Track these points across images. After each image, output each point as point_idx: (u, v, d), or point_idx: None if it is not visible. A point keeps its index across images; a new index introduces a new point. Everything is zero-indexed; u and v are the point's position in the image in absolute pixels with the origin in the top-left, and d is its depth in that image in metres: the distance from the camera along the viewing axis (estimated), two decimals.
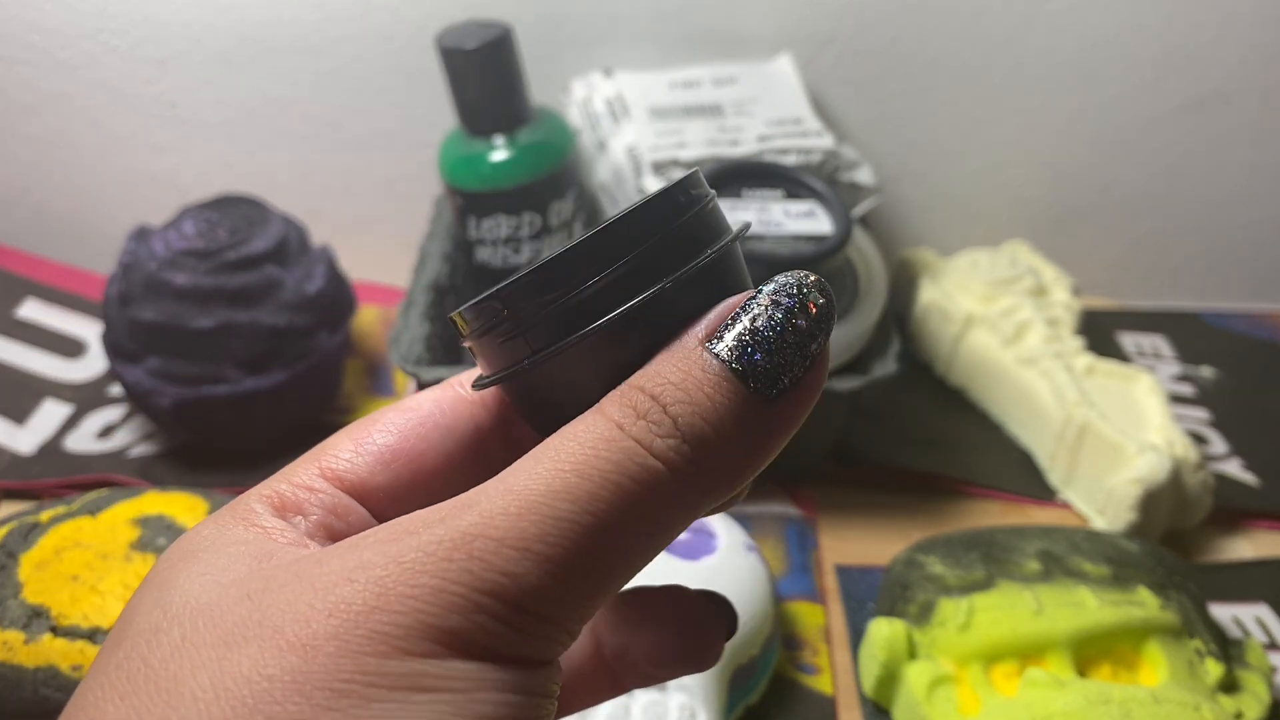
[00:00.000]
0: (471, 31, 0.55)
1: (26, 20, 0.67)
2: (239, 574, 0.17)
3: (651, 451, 0.16)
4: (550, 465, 0.16)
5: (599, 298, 0.18)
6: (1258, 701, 0.42)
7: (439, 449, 0.21)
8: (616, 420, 0.17)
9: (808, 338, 0.18)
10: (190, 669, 0.15)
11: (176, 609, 0.17)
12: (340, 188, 0.73)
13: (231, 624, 0.16)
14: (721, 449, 0.17)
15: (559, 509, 0.16)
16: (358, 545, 0.17)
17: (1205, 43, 0.66)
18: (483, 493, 0.17)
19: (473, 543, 0.16)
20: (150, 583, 0.18)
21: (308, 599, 0.16)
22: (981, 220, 0.74)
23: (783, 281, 0.18)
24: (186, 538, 0.19)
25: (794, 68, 0.66)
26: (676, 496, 0.17)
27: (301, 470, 0.20)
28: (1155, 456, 0.51)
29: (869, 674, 0.45)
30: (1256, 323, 0.73)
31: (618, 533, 0.16)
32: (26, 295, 0.70)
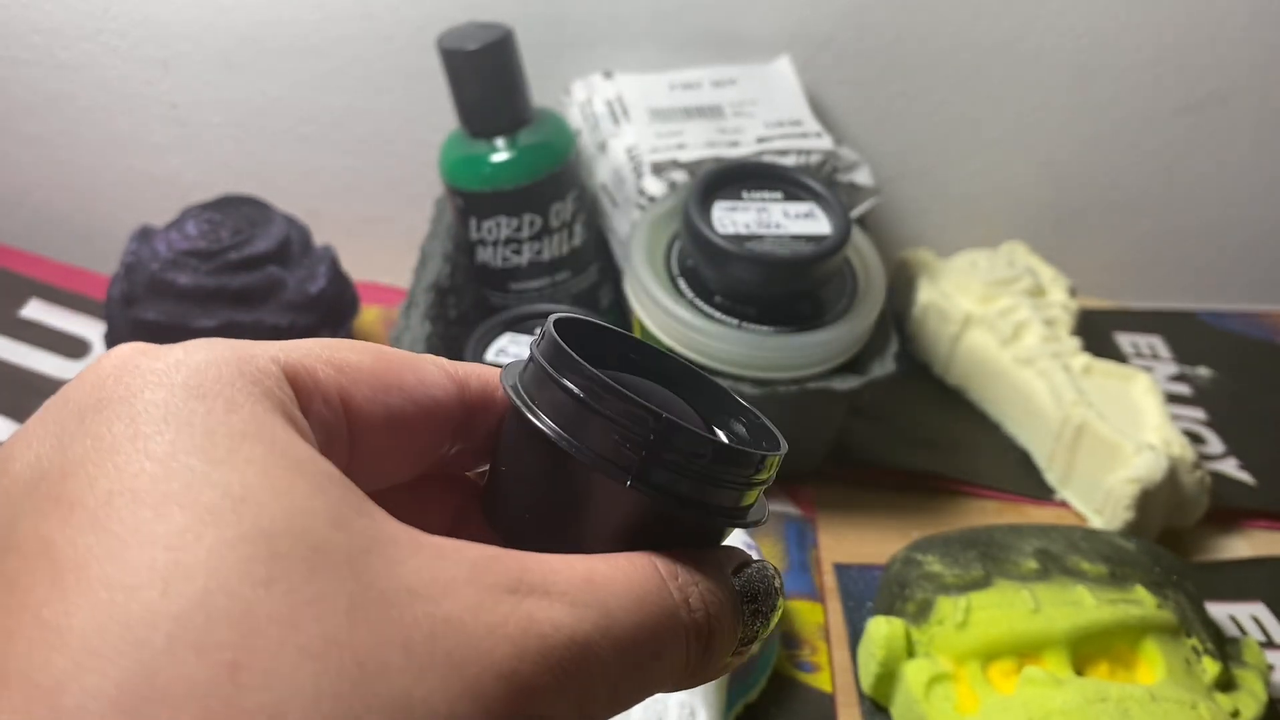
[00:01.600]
0: (472, 33, 0.55)
1: (28, 21, 0.67)
2: (353, 516, 0.15)
3: (692, 640, 0.18)
4: (637, 609, 0.18)
5: (705, 486, 0.19)
6: (1254, 700, 0.42)
7: (428, 432, 0.20)
8: (678, 600, 0.18)
9: (764, 628, 0.20)
10: (380, 664, 0.14)
11: (256, 522, 0.14)
12: (342, 188, 0.74)
13: (399, 617, 0.14)
14: (714, 660, 0.19)
15: (637, 656, 0.17)
16: (482, 577, 0.16)
17: (1204, 43, 0.66)
18: (585, 590, 0.17)
19: (588, 654, 0.16)
20: (206, 435, 0.15)
21: (472, 636, 0.15)
22: (980, 221, 0.74)
23: (775, 573, 0.21)
24: (216, 376, 0.16)
25: (793, 69, 0.66)
26: (682, 672, 0.19)
27: (321, 371, 0.18)
28: (1152, 456, 0.52)
29: (867, 672, 0.45)
30: (1253, 323, 0.73)
31: (649, 687, 0.18)
32: (30, 295, 0.70)
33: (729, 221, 0.52)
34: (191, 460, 0.14)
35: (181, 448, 0.15)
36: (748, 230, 0.52)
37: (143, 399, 0.15)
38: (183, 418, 0.15)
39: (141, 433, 0.15)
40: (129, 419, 0.15)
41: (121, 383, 0.16)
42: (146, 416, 0.15)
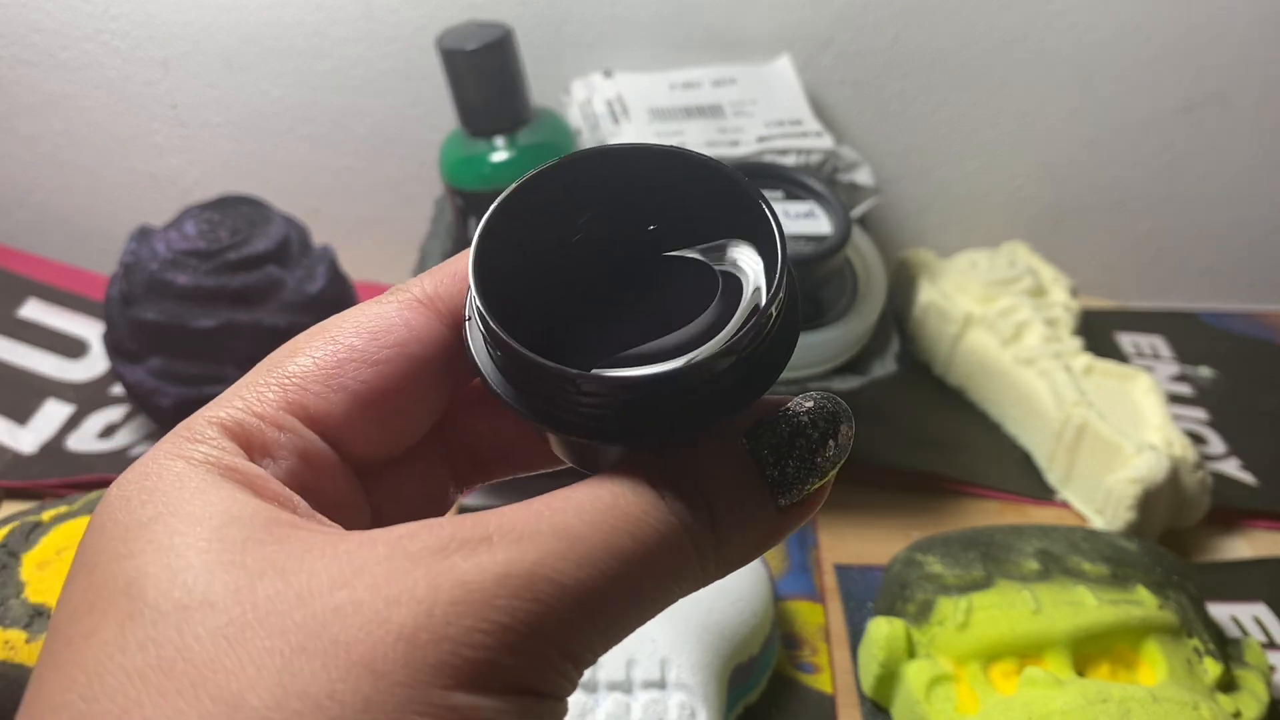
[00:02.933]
0: (472, 33, 0.55)
1: (28, 21, 0.67)
2: (255, 547, 0.16)
3: (686, 531, 0.18)
4: (606, 519, 0.17)
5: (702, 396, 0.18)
6: (1256, 700, 0.42)
7: (412, 382, 0.20)
8: (658, 493, 0.18)
9: (830, 463, 0.19)
10: (249, 677, 0.14)
11: (193, 583, 0.16)
12: (341, 188, 0.74)
13: (282, 624, 0.15)
14: (737, 539, 0.18)
15: (612, 568, 0.17)
16: (405, 547, 0.16)
17: (1204, 43, 0.66)
18: (534, 521, 0.17)
19: (538, 584, 0.16)
20: (123, 532, 0.17)
21: (369, 612, 0.15)
22: (980, 221, 0.74)
23: (823, 403, 0.19)
24: (145, 474, 0.18)
25: (793, 69, 0.66)
26: (691, 577, 0.18)
27: (263, 397, 0.19)
28: (1153, 456, 0.51)
29: (868, 673, 0.45)
30: (1255, 323, 0.73)
31: (653, 594, 0.18)
32: (28, 295, 0.70)
33: None
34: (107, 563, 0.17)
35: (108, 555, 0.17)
36: None
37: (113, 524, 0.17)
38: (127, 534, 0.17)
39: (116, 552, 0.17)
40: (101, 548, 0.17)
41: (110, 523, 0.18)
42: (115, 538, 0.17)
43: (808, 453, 0.18)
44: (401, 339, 0.20)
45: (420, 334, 0.20)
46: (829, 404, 0.19)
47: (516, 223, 0.19)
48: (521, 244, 0.19)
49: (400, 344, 0.20)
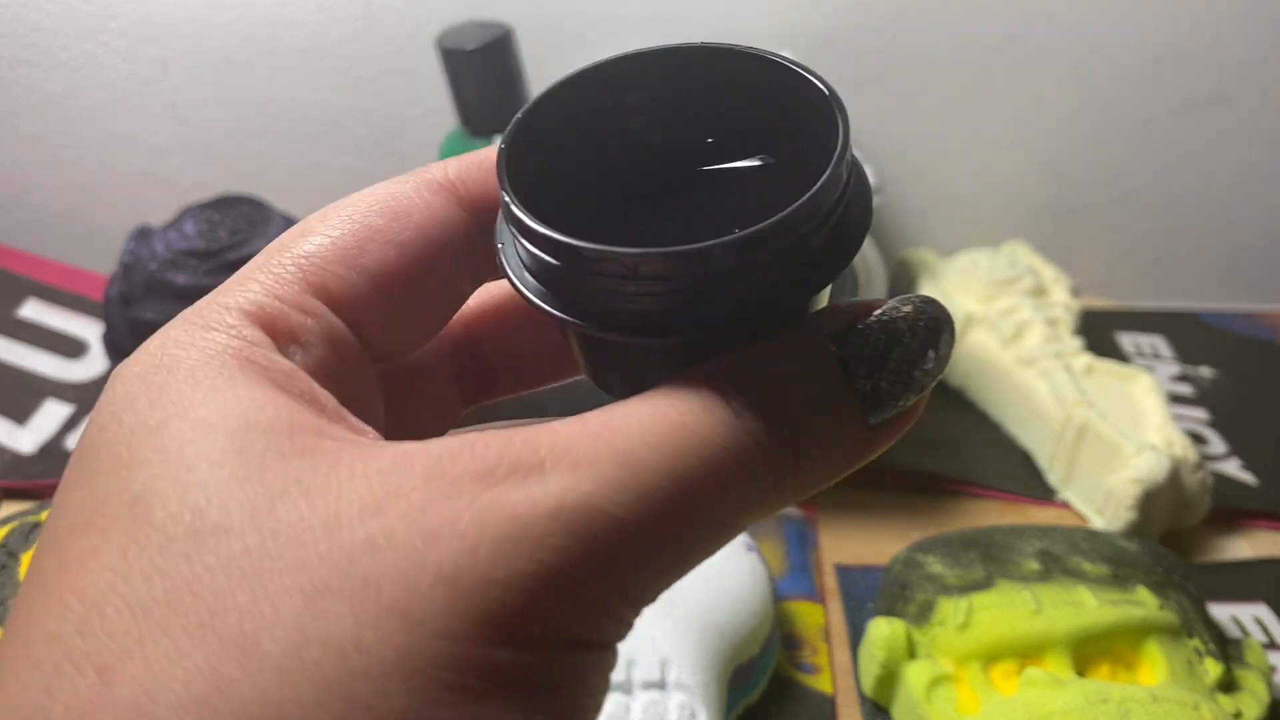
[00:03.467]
0: (472, 32, 0.55)
1: (28, 21, 0.67)
2: (277, 460, 0.14)
3: (764, 453, 0.16)
4: (672, 441, 0.15)
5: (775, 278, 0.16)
6: (1256, 701, 0.42)
7: (436, 267, 0.18)
8: (734, 408, 0.15)
9: (929, 377, 0.17)
10: (264, 618, 0.13)
11: (205, 504, 0.14)
12: (341, 188, 0.73)
13: (304, 557, 0.13)
14: (821, 461, 0.16)
15: (679, 499, 0.15)
16: (446, 470, 0.14)
17: (1205, 43, 0.66)
18: (591, 444, 0.15)
19: (595, 520, 0.14)
20: (128, 435, 0.15)
21: (404, 547, 0.13)
22: (981, 220, 0.74)
23: (922, 308, 0.17)
24: (155, 366, 0.16)
25: None
26: (765, 503, 0.16)
27: (283, 278, 0.17)
28: (1154, 456, 0.51)
29: (868, 673, 0.45)
30: (1255, 323, 0.73)
31: (724, 525, 0.15)
32: (27, 295, 0.70)
33: None
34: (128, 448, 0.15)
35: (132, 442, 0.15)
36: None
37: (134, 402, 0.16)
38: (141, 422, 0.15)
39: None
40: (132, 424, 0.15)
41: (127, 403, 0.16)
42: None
43: (906, 364, 0.16)
44: (422, 221, 0.18)
45: (441, 218, 0.18)
46: (929, 308, 0.16)
47: (554, 120, 0.18)
48: (560, 143, 0.18)
49: (421, 226, 0.18)
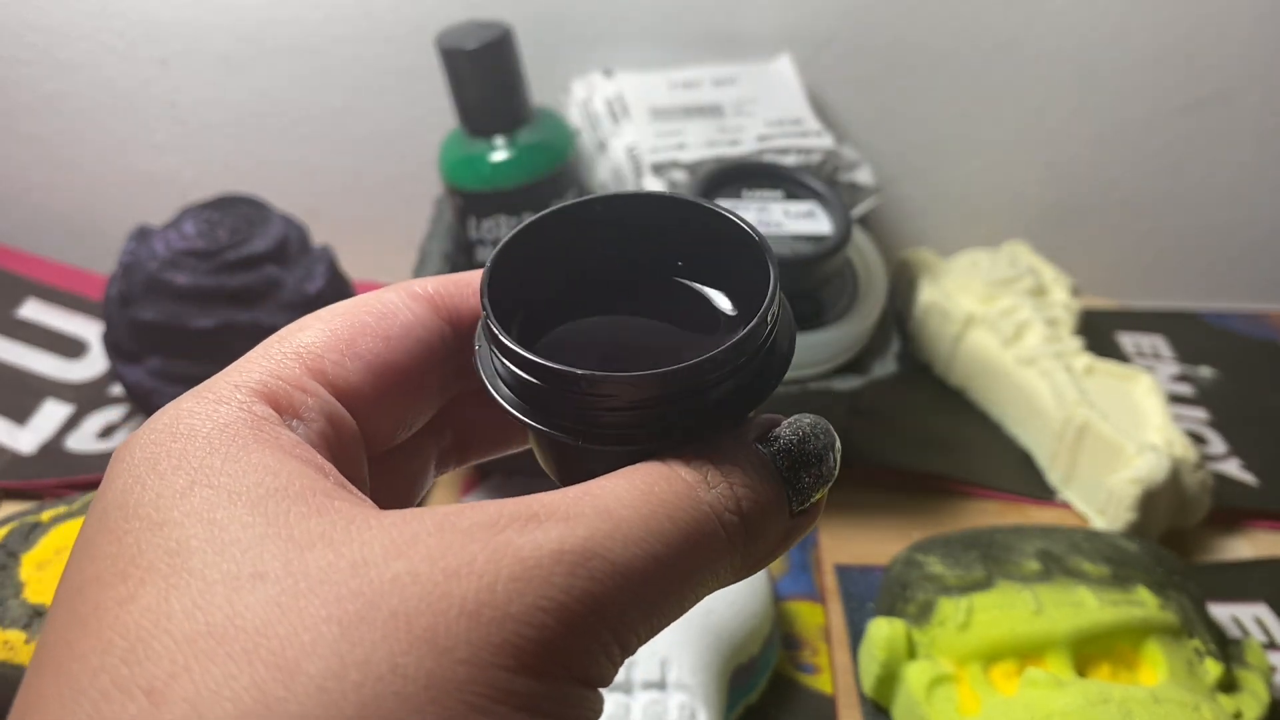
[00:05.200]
0: (471, 32, 0.55)
1: (26, 20, 0.67)
2: (300, 520, 0.16)
3: (719, 520, 0.18)
4: (646, 503, 0.17)
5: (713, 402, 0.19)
6: (1257, 701, 0.42)
7: (420, 364, 0.20)
8: (691, 483, 0.18)
9: (830, 473, 0.20)
10: (305, 645, 0.14)
11: (241, 556, 0.15)
12: (341, 188, 0.73)
13: (338, 593, 0.14)
14: (761, 537, 0.19)
15: (655, 549, 0.17)
16: (454, 522, 0.16)
17: (1205, 43, 0.66)
18: (577, 503, 0.17)
19: (592, 561, 0.16)
20: (154, 498, 0.16)
21: (428, 584, 0.15)
22: (981, 220, 0.74)
23: (818, 420, 0.20)
24: (172, 434, 0.17)
25: (794, 68, 0.66)
26: (725, 566, 0.18)
27: (284, 363, 0.19)
28: (1154, 456, 0.51)
29: (868, 673, 0.45)
30: (1256, 323, 0.73)
31: (690, 581, 0.17)
32: (27, 295, 0.70)
33: None
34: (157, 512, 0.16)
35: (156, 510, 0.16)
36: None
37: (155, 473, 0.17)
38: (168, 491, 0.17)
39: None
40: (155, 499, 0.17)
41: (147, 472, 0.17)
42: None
43: (817, 458, 0.19)
44: (408, 321, 0.20)
45: (423, 321, 0.20)
46: (823, 421, 0.20)
47: (528, 251, 0.20)
48: (532, 271, 0.20)
49: (406, 325, 0.20)
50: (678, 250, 0.22)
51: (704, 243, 0.21)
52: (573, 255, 0.21)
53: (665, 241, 0.22)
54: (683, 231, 0.21)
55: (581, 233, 0.21)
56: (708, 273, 0.22)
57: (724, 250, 0.21)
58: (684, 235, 0.21)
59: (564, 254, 0.21)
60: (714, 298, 0.22)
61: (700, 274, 0.22)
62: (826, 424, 0.20)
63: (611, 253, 0.22)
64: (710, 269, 0.22)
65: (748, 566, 0.19)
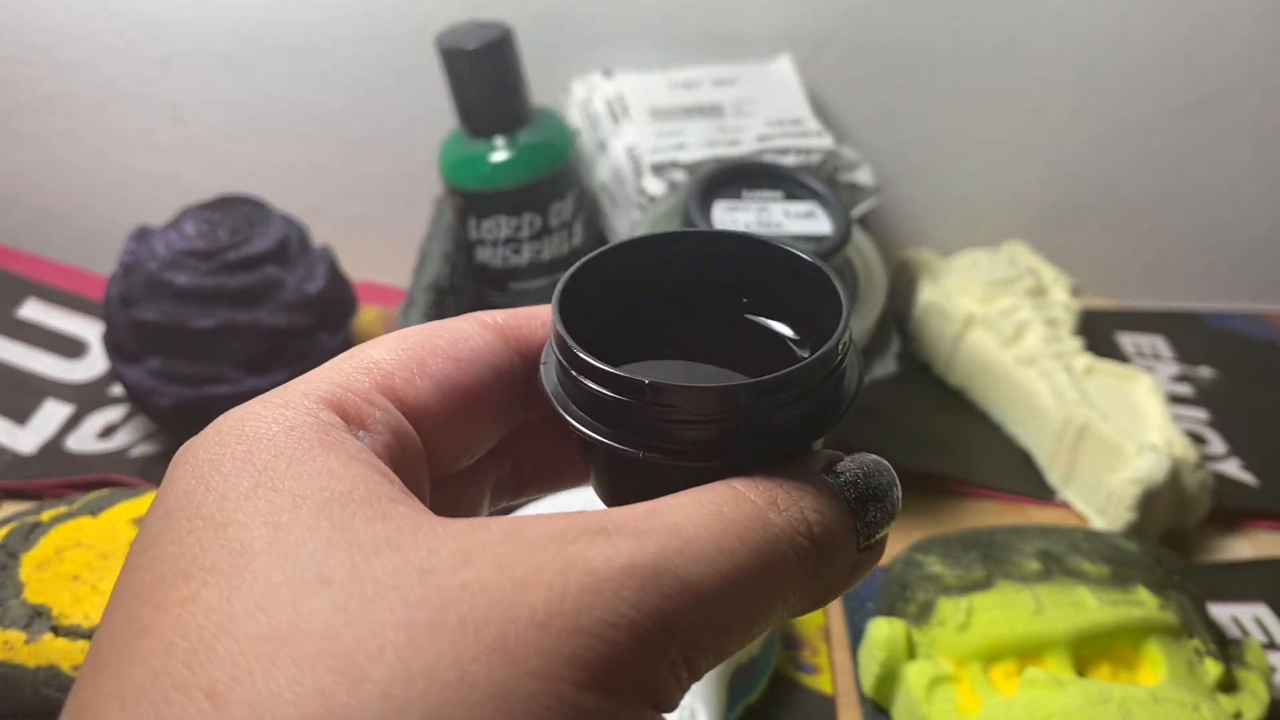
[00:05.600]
0: (472, 32, 0.55)
1: (27, 20, 0.67)
2: (365, 524, 0.15)
3: (791, 544, 0.17)
4: (716, 523, 0.17)
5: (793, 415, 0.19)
6: (1257, 701, 0.42)
7: (489, 388, 0.21)
8: (761, 505, 0.17)
9: (890, 514, 0.20)
10: (371, 651, 0.14)
11: (306, 560, 0.15)
12: (341, 188, 0.73)
13: (405, 599, 0.14)
14: (832, 565, 0.18)
15: (727, 570, 0.16)
16: (522, 532, 0.16)
17: (1205, 43, 0.66)
18: (646, 519, 0.16)
19: (663, 578, 0.15)
20: (219, 499, 0.16)
21: (497, 592, 0.14)
22: (981, 220, 0.74)
23: (879, 460, 0.20)
24: (238, 436, 0.17)
25: (794, 68, 0.66)
26: (797, 590, 0.18)
27: (353, 376, 0.19)
28: (1154, 456, 0.51)
29: (868, 673, 0.45)
30: (1256, 323, 0.73)
31: (761, 604, 0.17)
32: (27, 295, 0.70)
33: (729, 221, 0.52)
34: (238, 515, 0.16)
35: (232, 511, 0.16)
36: (748, 230, 0.51)
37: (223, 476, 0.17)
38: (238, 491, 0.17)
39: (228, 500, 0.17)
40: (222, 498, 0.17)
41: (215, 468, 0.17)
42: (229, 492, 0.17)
43: (882, 494, 0.19)
44: (478, 346, 0.21)
45: (493, 347, 0.21)
46: (884, 460, 0.20)
47: (598, 276, 0.21)
48: (600, 300, 0.21)
49: (476, 350, 0.20)
50: (745, 285, 0.22)
51: (771, 278, 0.22)
52: (640, 287, 0.22)
53: (732, 276, 0.22)
54: (750, 267, 0.22)
55: (649, 266, 0.22)
56: (775, 308, 0.22)
57: (792, 285, 0.21)
58: (752, 271, 0.22)
59: (631, 285, 0.22)
60: (781, 331, 0.22)
61: (767, 309, 0.22)
62: (888, 464, 0.20)
63: (679, 286, 0.22)
64: (777, 304, 0.22)
65: (818, 596, 0.18)
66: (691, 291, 0.22)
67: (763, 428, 0.19)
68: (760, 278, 0.22)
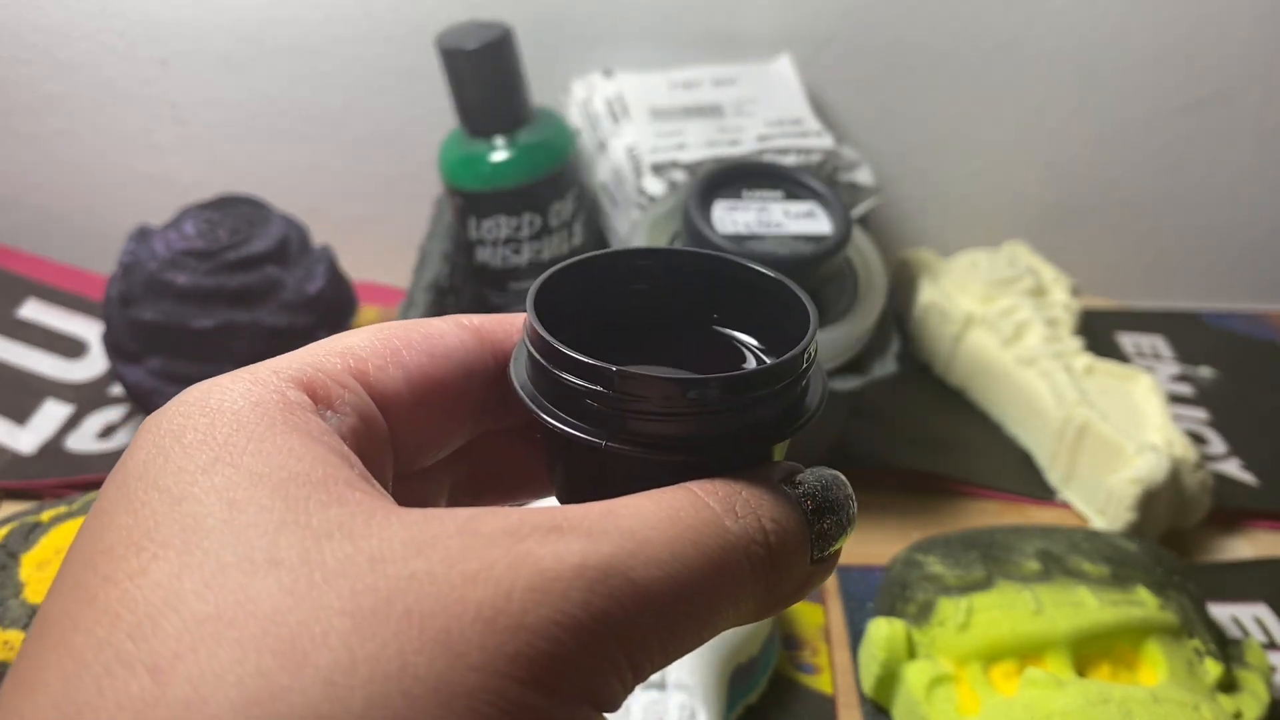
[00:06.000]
0: (472, 32, 0.55)
1: (27, 20, 0.67)
2: (319, 508, 0.16)
3: (745, 552, 0.18)
4: (672, 526, 0.17)
5: (755, 409, 0.19)
6: (1256, 701, 0.42)
7: (460, 385, 0.21)
8: (719, 511, 0.18)
9: (845, 526, 0.20)
10: (315, 636, 0.14)
11: (257, 541, 0.15)
12: (341, 188, 0.73)
13: (353, 587, 0.14)
14: (785, 574, 0.18)
15: (678, 574, 0.16)
16: (476, 527, 0.16)
17: (1205, 43, 0.66)
18: (601, 520, 0.16)
19: (613, 579, 0.16)
20: (176, 470, 0.16)
21: (444, 585, 0.15)
22: (981, 220, 0.74)
23: (837, 474, 0.20)
24: (202, 408, 0.17)
25: (794, 68, 0.66)
26: (747, 597, 0.18)
27: (326, 359, 0.19)
28: (1154, 456, 0.51)
29: (868, 673, 0.45)
30: (1256, 323, 0.73)
31: (710, 610, 0.17)
32: (27, 295, 0.70)
33: (729, 221, 0.52)
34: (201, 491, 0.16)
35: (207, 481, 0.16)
36: (748, 230, 0.51)
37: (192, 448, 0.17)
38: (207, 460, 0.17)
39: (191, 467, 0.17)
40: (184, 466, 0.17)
41: (179, 434, 0.17)
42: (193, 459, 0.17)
43: (839, 506, 0.19)
44: (453, 346, 0.21)
45: (468, 347, 0.21)
46: (842, 475, 0.20)
47: (572, 284, 0.21)
48: (574, 305, 0.21)
49: (451, 347, 0.21)
50: (714, 301, 0.23)
51: (739, 294, 0.22)
52: (611, 298, 0.22)
53: (701, 292, 0.22)
54: (719, 283, 0.22)
55: (620, 278, 0.22)
56: (743, 322, 0.23)
57: (760, 301, 0.22)
58: (721, 287, 0.22)
59: (603, 296, 0.22)
60: (749, 342, 0.23)
61: (736, 323, 0.23)
62: (845, 479, 0.20)
63: (649, 299, 0.23)
64: (746, 318, 0.23)
65: (769, 605, 0.18)
66: (661, 304, 0.23)
67: (727, 425, 0.19)
68: (729, 293, 0.22)
